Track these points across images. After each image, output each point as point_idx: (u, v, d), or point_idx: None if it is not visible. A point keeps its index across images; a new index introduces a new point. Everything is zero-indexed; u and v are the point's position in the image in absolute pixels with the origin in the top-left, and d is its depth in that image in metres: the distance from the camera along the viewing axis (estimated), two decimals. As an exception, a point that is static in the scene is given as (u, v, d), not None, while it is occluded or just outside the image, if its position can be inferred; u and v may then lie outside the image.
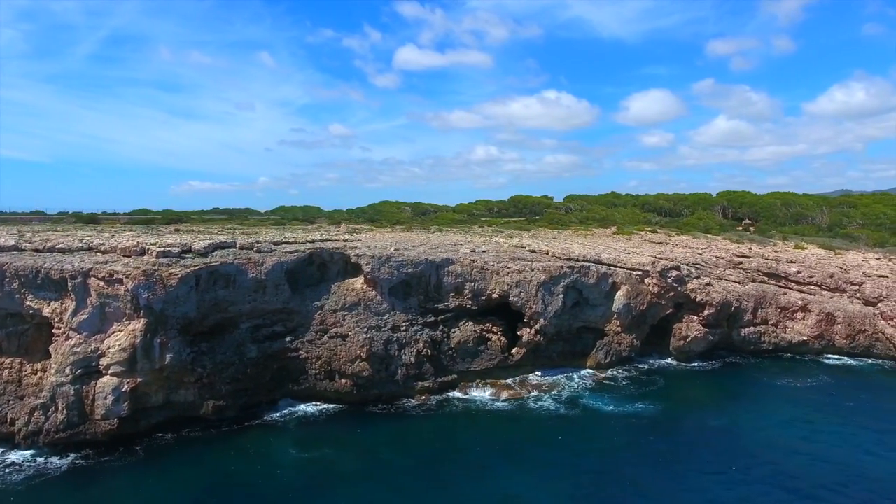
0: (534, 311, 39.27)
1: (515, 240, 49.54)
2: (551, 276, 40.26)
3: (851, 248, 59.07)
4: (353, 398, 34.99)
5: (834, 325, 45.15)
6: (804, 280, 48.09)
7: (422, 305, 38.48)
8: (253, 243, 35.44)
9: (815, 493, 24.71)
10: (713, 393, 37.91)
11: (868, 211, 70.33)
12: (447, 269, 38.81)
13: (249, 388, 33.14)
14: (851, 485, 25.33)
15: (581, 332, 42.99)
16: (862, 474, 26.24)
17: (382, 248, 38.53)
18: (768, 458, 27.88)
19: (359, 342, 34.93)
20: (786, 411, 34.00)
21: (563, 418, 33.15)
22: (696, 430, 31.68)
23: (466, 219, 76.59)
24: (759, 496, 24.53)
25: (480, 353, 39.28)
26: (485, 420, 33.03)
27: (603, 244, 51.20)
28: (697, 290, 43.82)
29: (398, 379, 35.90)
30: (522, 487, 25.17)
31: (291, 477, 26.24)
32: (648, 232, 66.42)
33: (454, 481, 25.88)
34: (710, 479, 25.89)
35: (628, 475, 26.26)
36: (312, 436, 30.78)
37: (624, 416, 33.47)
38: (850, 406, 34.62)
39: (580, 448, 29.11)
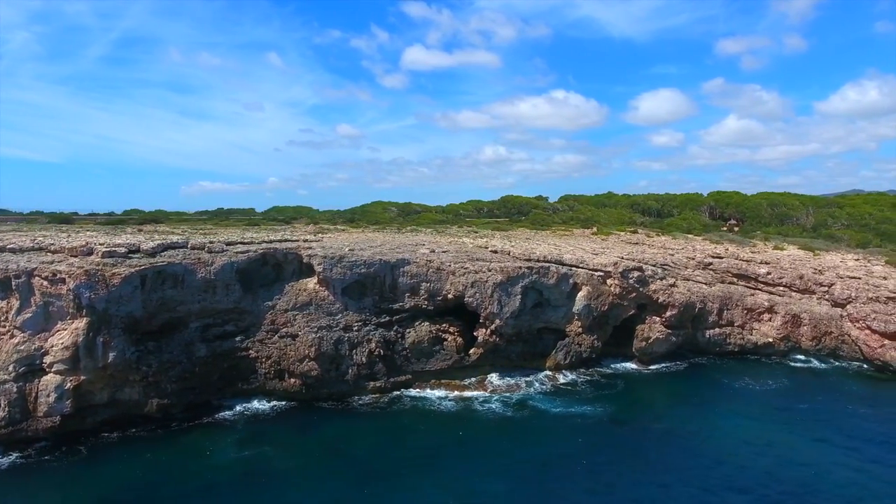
0: (489, 312, 39.24)
1: (483, 240, 49.51)
2: (509, 276, 40.18)
3: (832, 249, 58.40)
4: (304, 397, 35.26)
5: (800, 326, 44.63)
6: (774, 281, 47.58)
7: (376, 305, 38.60)
8: (205, 243, 35.76)
9: (743, 497, 24.51)
10: (668, 395, 37.68)
11: (854, 212, 69.39)
12: (402, 269, 38.90)
13: (197, 386, 33.47)
14: (776, 485, 25.08)
15: (542, 333, 42.85)
16: (795, 478, 25.97)
17: (337, 248, 38.70)
18: (707, 462, 27.67)
19: (307, 342, 35.15)
20: (738, 414, 33.66)
21: (508, 420, 33.11)
22: (640, 433, 31.45)
23: (449, 219, 76.60)
24: (687, 499, 24.38)
25: (436, 354, 39.32)
26: (430, 420, 33.07)
27: (572, 245, 51.00)
28: (660, 291, 43.51)
29: (348, 378, 36.08)
30: (446, 489, 25.18)
31: (225, 475, 26.48)
32: (629, 232, 66.04)
33: (382, 480, 25.96)
34: (640, 483, 25.71)
35: (557, 478, 26.18)
36: (257, 434, 31.02)
37: (570, 417, 33.36)
38: (803, 408, 34.24)
39: (513, 450, 29.05)
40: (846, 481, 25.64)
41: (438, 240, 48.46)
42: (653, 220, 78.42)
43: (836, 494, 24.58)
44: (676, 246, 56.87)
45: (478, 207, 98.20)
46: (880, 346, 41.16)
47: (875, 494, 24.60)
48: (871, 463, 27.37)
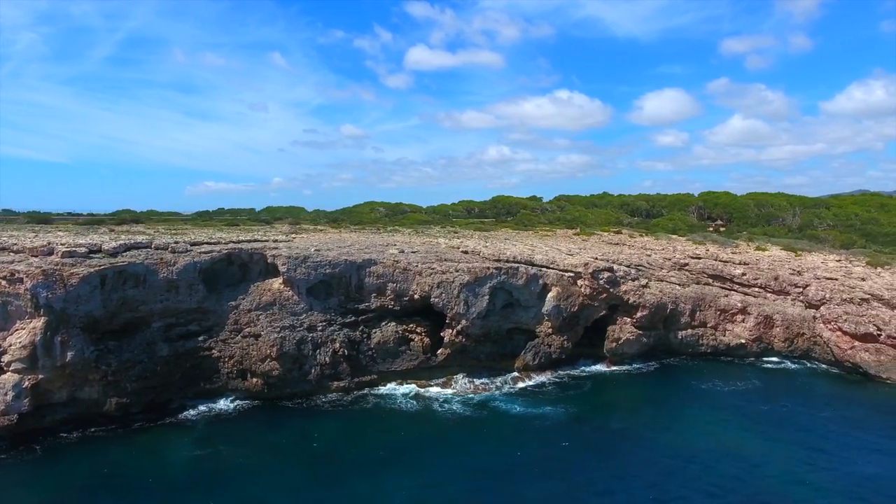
0: (455, 312, 39.26)
1: (458, 241, 49.49)
2: (476, 276, 40.19)
3: (815, 250, 58.01)
4: (267, 396, 35.42)
5: (773, 328, 44.39)
6: (749, 282, 47.34)
7: (342, 305, 38.71)
8: (169, 244, 35.95)
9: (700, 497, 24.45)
10: (634, 396, 37.60)
11: (840, 212, 68.86)
12: (368, 269, 38.98)
13: (158, 385, 33.67)
14: (735, 488, 24.99)
15: (512, 334, 42.83)
16: (749, 481, 25.85)
17: (303, 248, 38.82)
18: (662, 464, 27.58)
19: (269, 342, 35.29)
20: (701, 416, 33.50)
21: (466, 420, 33.12)
22: (598, 434, 31.39)
23: (435, 219, 76.55)
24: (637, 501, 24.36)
25: (402, 354, 39.38)
26: (389, 420, 33.08)
27: (550, 245, 50.91)
28: (631, 292, 43.39)
29: (311, 378, 36.21)
30: (387, 491, 25.22)
31: (178, 473, 26.57)
32: (613, 233, 65.83)
33: (330, 480, 26.04)
34: (591, 485, 25.66)
35: (507, 481, 26.07)
36: (214, 433, 31.13)
37: (530, 418, 33.33)
38: (765, 410, 34.06)
39: (465, 452, 29.01)
40: (791, 481, 25.50)
41: (412, 240, 48.52)
42: (640, 221, 78.12)
43: (782, 497, 24.44)
44: (656, 246, 56.66)
45: (468, 208, 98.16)
46: (850, 348, 40.87)
47: (824, 495, 24.45)
48: (823, 467, 27.20)
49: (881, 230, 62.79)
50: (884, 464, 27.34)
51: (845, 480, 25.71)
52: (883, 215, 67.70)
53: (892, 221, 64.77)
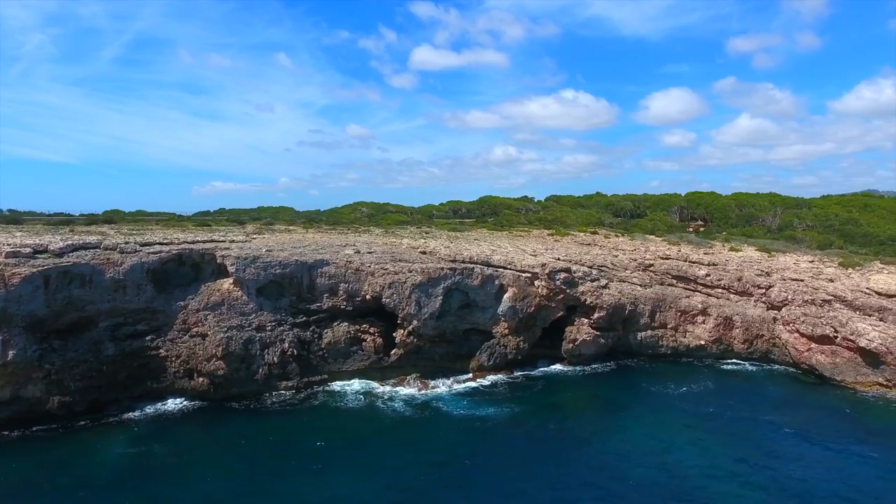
0: (407, 313, 39.30)
1: (421, 241, 49.47)
2: (430, 277, 40.22)
3: (791, 251, 57.47)
4: (214, 395, 35.66)
5: (732, 329, 44.03)
6: (713, 283, 46.99)
7: (294, 306, 38.88)
8: (118, 244, 36.25)
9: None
10: (582, 397, 37.44)
11: (820, 213, 68.10)
12: (320, 270, 39.12)
13: (103, 385, 33.99)
14: (658, 491, 24.87)
15: (469, 335, 42.82)
16: (673, 484, 25.72)
17: (255, 249, 39.02)
18: (589, 465, 27.57)
19: (216, 341, 35.52)
20: (645, 418, 33.33)
21: (405, 420, 33.20)
22: (535, 435, 31.28)
23: (415, 220, 76.60)
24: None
25: (353, 354, 39.50)
26: (330, 420, 33.12)
27: (515, 246, 50.76)
28: (588, 293, 43.23)
29: (258, 378, 36.40)
30: (324, 487, 25.32)
31: (108, 471, 26.83)
32: (589, 233, 65.58)
33: (257, 479, 26.17)
34: (514, 487, 25.63)
35: (433, 482, 26.12)
36: (154, 432, 31.37)
37: (471, 419, 33.31)
38: (710, 413, 33.81)
39: (396, 452, 29.02)
40: (713, 485, 25.33)
41: (376, 240, 48.50)
42: (621, 221, 77.75)
43: (700, 499, 24.28)
44: (628, 247, 56.36)
45: (455, 208, 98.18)
46: (807, 350, 40.47)
47: (740, 499, 24.27)
48: (748, 472, 26.97)
49: (860, 231, 62.07)
50: (810, 468, 27.07)
51: (768, 485, 25.45)
52: (865, 216, 66.92)
53: (871, 222, 64.01)
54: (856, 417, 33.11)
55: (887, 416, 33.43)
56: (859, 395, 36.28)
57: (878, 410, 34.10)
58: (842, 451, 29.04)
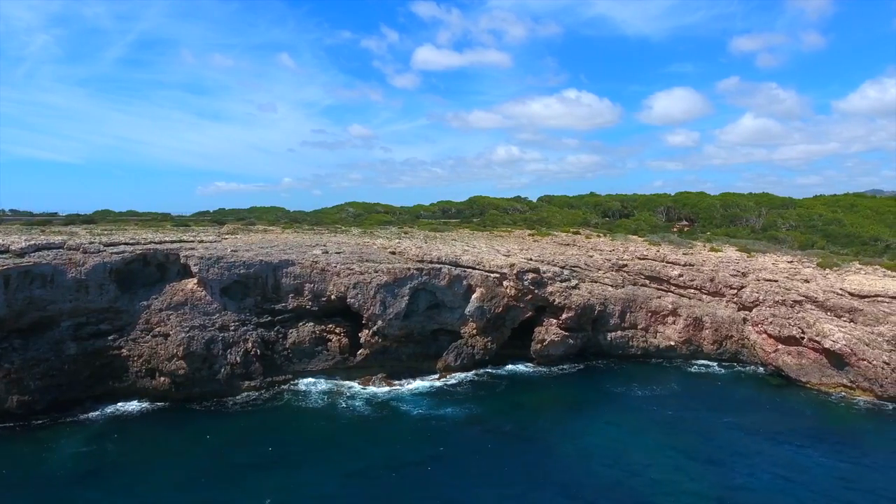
0: (371, 313, 39.35)
1: (395, 241, 49.51)
2: (396, 277, 40.24)
3: (772, 251, 57.16)
4: (176, 396, 35.79)
5: (702, 330, 43.82)
6: (685, 283, 46.80)
7: (258, 306, 39.00)
8: (81, 244, 36.46)
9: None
10: (544, 398, 37.28)
11: (804, 213, 67.67)
12: (285, 270, 39.22)
13: (64, 384, 34.18)
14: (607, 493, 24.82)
15: (438, 335, 42.84)
16: (628, 484, 25.66)
17: (220, 249, 39.17)
18: (540, 467, 27.48)
19: (177, 341, 35.66)
20: (600, 419, 33.21)
21: (363, 420, 33.18)
22: (488, 434, 31.24)
23: (400, 220, 76.68)
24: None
25: (318, 354, 39.59)
26: (286, 421, 33.05)
27: (490, 246, 50.71)
28: (557, 293, 43.14)
29: (220, 378, 36.51)
30: (266, 489, 25.38)
31: (55, 471, 26.86)
32: (571, 233, 65.44)
33: (203, 481, 26.23)
34: (460, 490, 25.66)
35: (380, 484, 26.09)
36: (110, 432, 31.35)
37: (429, 419, 33.30)
38: (670, 415, 33.56)
39: (346, 453, 29.03)
40: (661, 488, 25.21)
41: (349, 240, 48.60)
42: (607, 221, 77.57)
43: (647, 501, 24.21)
44: (606, 247, 56.15)
45: (445, 208, 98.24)
46: (774, 351, 40.23)
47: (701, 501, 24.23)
48: (697, 475, 26.86)
49: (843, 231, 61.68)
50: (762, 469, 26.91)
51: (716, 486, 25.34)
52: (850, 216, 66.46)
53: (855, 222, 63.57)
54: (815, 419, 32.91)
55: (848, 418, 33.21)
56: (822, 397, 36.05)
57: (838, 412, 33.87)
58: (797, 453, 28.84)
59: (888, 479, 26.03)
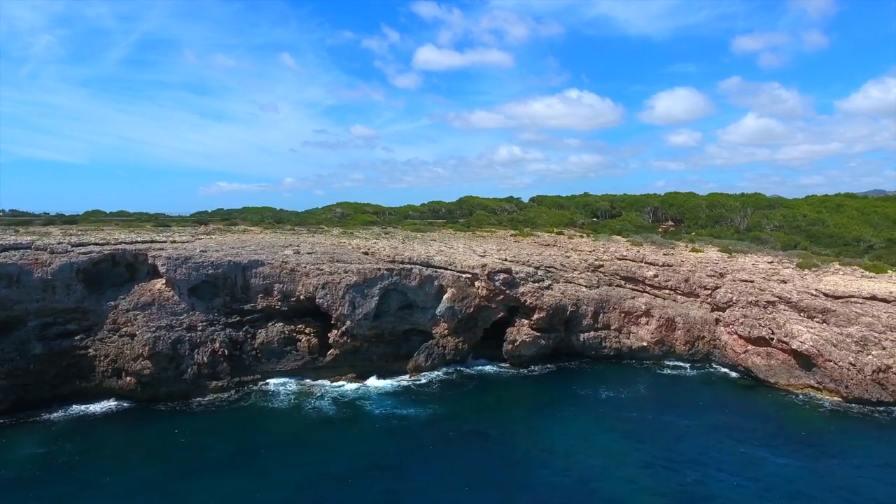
0: (340, 313, 39.38)
1: (372, 241, 49.54)
2: (365, 278, 40.28)
3: (754, 251, 56.94)
4: (142, 395, 35.91)
5: (674, 330, 43.68)
6: (660, 284, 46.67)
7: (227, 306, 39.09)
8: (49, 244, 36.64)
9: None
10: (509, 399, 37.22)
11: (788, 213, 67.38)
12: (254, 270, 39.30)
13: (29, 383, 34.34)
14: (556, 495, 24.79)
15: (409, 335, 42.86)
16: (581, 485, 25.67)
17: (190, 249, 39.28)
18: (493, 468, 27.50)
19: (142, 341, 35.78)
20: (561, 421, 33.03)
21: (327, 420, 33.22)
22: (448, 434, 31.22)
23: (386, 220, 76.75)
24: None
25: (287, 354, 39.66)
26: (249, 421, 33.14)
27: (468, 246, 50.68)
28: (528, 294, 43.08)
29: (187, 378, 36.61)
30: (212, 491, 25.48)
31: (8, 471, 27.13)
32: (555, 234, 65.37)
33: (153, 481, 26.34)
34: (410, 487, 25.70)
35: (332, 480, 26.23)
36: (71, 432, 31.40)
37: (391, 418, 33.35)
38: (633, 417, 33.44)
39: (304, 454, 29.05)
40: (627, 489, 25.23)
41: (324, 241, 48.68)
42: (593, 222, 77.47)
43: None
44: (587, 248, 56.09)
45: (435, 208, 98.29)
46: (744, 352, 40.08)
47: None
48: (667, 472, 26.80)
49: (826, 231, 61.43)
50: (717, 471, 26.80)
51: (669, 487, 25.28)
52: (835, 216, 66.15)
53: (839, 223, 63.26)
54: (778, 420, 32.75)
55: (811, 419, 33.02)
56: (789, 398, 35.87)
57: (803, 414, 33.68)
58: (755, 454, 28.66)
59: (843, 481, 25.90)
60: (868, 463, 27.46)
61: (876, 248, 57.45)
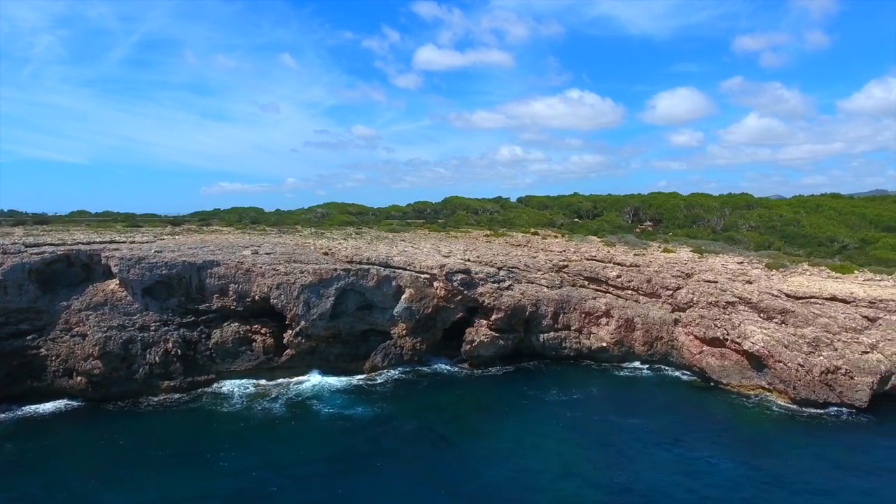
0: (294, 314, 39.43)
1: (336, 242, 49.55)
2: (321, 278, 40.33)
3: (728, 252, 56.67)
4: (94, 395, 36.06)
5: (633, 331, 43.51)
6: (623, 285, 46.51)
7: (182, 306, 39.20)
8: (2, 244, 36.85)
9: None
10: (463, 399, 37.09)
11: (764, 214, 67.04)
12: (210, 270, 39.40)
13: (-22, 383, 34.60)
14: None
15: (368, 335, 42.90)
16: (523, 487, 25.65)
17: (144, 249, 39.43)
18: (426, 468, 27.50)
19: (93, 341, 35.93)
20: (506, 422, 33.06)
21: (275, 420, 33.22)
22: (389, 435, 31.25)
23: (362, 221, 76.86)
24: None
25: (242, 354, 39.74)
26: (193, 423, 33.05)
27: (434, 246, 50.63)
28: (487, 294, 43.02)
29: (138, 378, 36.74)
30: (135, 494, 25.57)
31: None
32: (529, 234, 65.29)
33: (86, 483, 26.40)
34: (350, 489, 25.74)
35: (267, 483, 26.25)
36: (15, 433, 31.23)
37: (338, 418, 33.41)
38: (580, 418, 33.37)
39: (243, 452, 29.16)
40: (570, 490, 25.26)
41: (288, 241, 48.71)
42: (570, 222, 77.27)
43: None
44: (558, 248, 56.02)
45: (420, 208, 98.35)
46: (699, 353, 39.90)
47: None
48: (609, 473, 26.75)
49: (801, 232, 61.11)
50: (648, 473, 26.69)
51: (601, 492, 25.17)
52: (812, 217, 65.80)
53: (815, 223, 62.91)
54: (724, 423, 32.55)
55: (759, 421, 32.86)
56: (739, 400, 35.66)
57: (750, 415, 33.51)
58: (692, 456, 28.57)
59: (779, 483, 25.79)
60: (806, 467, 27.21)
61: (849, 248, 57.18)
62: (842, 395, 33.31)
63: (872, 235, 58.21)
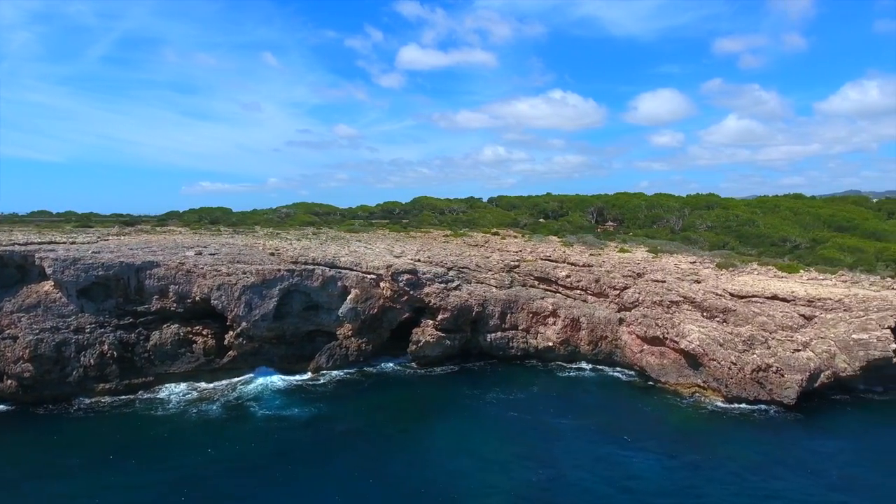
0: (235, 315, 39.11)
1: (287, 242, 49.20)
2: (264, 279, 40.04)
3: (681, 251, 57.20)
4: (25, 398, 35.46)
5: (579, 331, 43.74)
6: (571, 284, 46.76)
7: (120, 307, 38.69)
8: (-69, 246, 36.18)
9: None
10: (402, 399, 36.97)
11: (721, 214, 67.78)
12: (149, 271, 38.92)
13: None
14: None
15: (314, 336, 42.69)
16: (451, 486, 25.62)
17: (81, 250, 38.87)
18: (352, 469, 27.31)
19: (24, 343, 35.34)
20: (440, 421, 33.24)
21: (207, 422, 32.87)
22: (321, 436, 31.15)
23: (325, 221, 76.52)
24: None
25: (182, 356, 39.32)
26: (122, 427, 32.38)
27: (387, 247, 50.50)
28: (433, 295, 43.00)
29: (72, 380, 36.20)
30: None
31: None
32: (490, 234, 65.40)
33: (7, 488, 26.02)
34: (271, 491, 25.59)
35: (197, 481, 26.02)
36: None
37: (272, 419, 33.23)
38: (513, 417, 33.45)
39: (170, 455, 28.84)
40: (497, 486, 25.43)
41: (237, 241, 48.26)
42: (534, 223, 77.53)
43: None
44: (514, 248, 56.22)
45: (389, 209, 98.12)
46: (640, 352, 40.24)
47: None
48: (533, 472, 26.85)
49: (755, 231, 61.83)
50: (564, 473, 26.82)
51: (525, 491, 25.23)
52: (768, 217, 66.65)
53: (770, 223, 63.72)
54: (656, 422, 32.67)
55: (691, 419, 33.12)
56: (675, 400, 35.83)
57: (682, 413, 33.80)
58: (618, 454, 28.67)
59: (696, 477, 26.06)
60: (730, 466, 27.37)
61: (801, 248, 57.97)
62: (772, 392, 33.73)
63: (823, 235, 59.09)
